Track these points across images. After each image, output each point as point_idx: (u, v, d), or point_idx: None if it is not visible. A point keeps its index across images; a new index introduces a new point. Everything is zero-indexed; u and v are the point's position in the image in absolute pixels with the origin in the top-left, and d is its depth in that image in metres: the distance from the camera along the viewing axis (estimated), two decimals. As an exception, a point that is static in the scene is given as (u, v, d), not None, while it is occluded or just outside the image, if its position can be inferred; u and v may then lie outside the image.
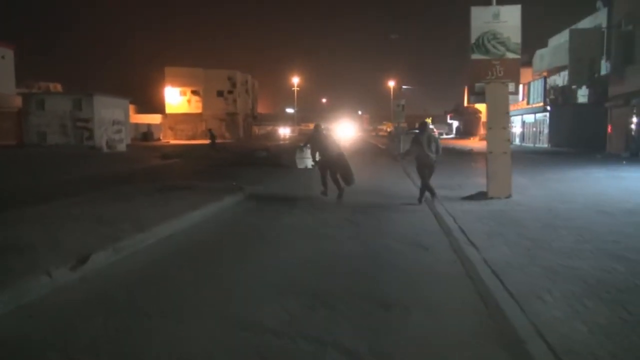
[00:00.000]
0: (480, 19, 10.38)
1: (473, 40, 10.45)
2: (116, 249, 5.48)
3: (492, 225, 7.32)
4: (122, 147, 27.77)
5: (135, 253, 5.75)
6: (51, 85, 48.85)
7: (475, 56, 10.58)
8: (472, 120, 60.25)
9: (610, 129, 25.48)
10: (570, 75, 27.06)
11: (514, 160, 22.61)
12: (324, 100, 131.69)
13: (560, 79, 38.43)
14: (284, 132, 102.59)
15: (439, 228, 7.58)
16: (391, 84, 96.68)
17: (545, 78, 35.65)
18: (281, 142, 54.59)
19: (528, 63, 49.96)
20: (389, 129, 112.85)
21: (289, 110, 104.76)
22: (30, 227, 6.33)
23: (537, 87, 36.25)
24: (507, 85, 10.51)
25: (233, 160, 22.90)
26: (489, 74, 10.59)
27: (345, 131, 78.16)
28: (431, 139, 10.15)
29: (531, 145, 37.51)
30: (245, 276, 4.98)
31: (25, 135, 26.54)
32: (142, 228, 6.36)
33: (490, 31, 10.36)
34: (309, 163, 12.43)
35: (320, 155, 10.51)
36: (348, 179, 10.55)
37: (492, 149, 10.37)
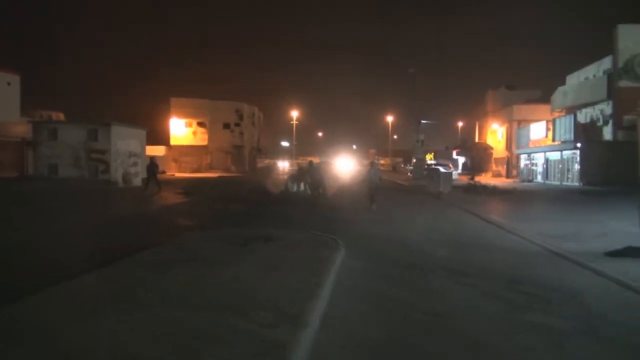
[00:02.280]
0: (629, 39, 8.63)
1: (621, 64, 8.67)
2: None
3: None
4: (137, 182, 25.34)
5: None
6: (53, 115, 46.69)
7: (624, 83, 8.79)
8: (482, 157, 58.82)
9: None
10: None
11: (565, 200, 20.97)
12: (320, 134, 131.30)
13: (582, 116, 37.24)
14: (283, 165, 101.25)
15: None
16: (389, 119, 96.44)
17: (575, 114, 34.24)
18: (284, 176, 52.58)
19: (542, 99, 49.21)
20: (385, 163, 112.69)
21: (285, 144, 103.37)
22: (123, 317, 4.14)
23: (565, 123, 34.84)
24: (666, 118, 8.60)
25: (264, 197, 20.91)
26: (642, 105, 8.71)
27: (344, 166, 79.30)
28: (377, 172, 17.19)
29: (557, 183, 35.76)
30: None
31: (35, 167, 24.10)
32: (290, 318, 4.20)
33: (643, 53, 8.56)
34: (298, 187, 20.31)
35: (310, 179, 18.88)
36: (324, 192, 19.02)
37: (651, 196, 8.40)
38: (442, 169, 42.54)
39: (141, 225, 12.10)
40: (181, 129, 55.13)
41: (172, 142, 54.53)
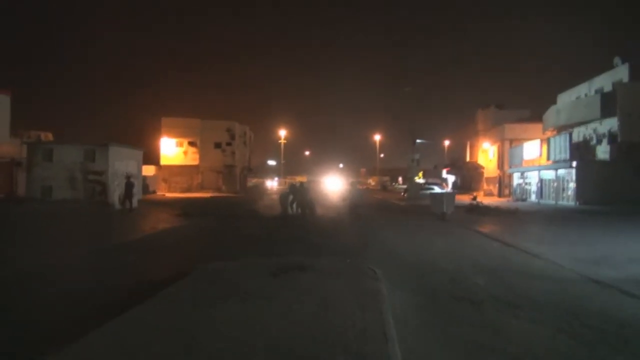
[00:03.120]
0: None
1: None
2: None
3: None
4: (134, 203, 24.72)
5: None
6: (42, 134, 45.72)
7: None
8: (473, 176, 59.05)
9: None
10: (621, 129, 25.75)
11: (572, 221, 20.79)
12: (307, 152, 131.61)
13: (574, 135, 37.54)
14: (271, 184, 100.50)
15: None
16: (377, 137, 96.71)
17: (570, 133, 34.51)
18: (275, 196, 52.22)
19: (532, 118, 49.69)
20: (373, 182, 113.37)
21: (271, 163, 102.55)
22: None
23: (560, 142, 35.06)
24: None
25: (266, 219, 20.42)
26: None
27: (333, 185, 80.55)
28: (357, 191, 44.12)
29: (552, 202, 35.75)
30: None
31: (28, 188, 23.20)
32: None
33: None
34: (295, 208, 21.66)
35: (300, 198, 21.60)
36: (312, 212, 21.25)
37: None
38: (437, 189, 42.60)
39: (156, 252, 11.53)
40: (172, 149, 54.44)
41: (163, 161, 53.77)
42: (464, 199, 33.88)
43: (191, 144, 54.83)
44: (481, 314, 6.18)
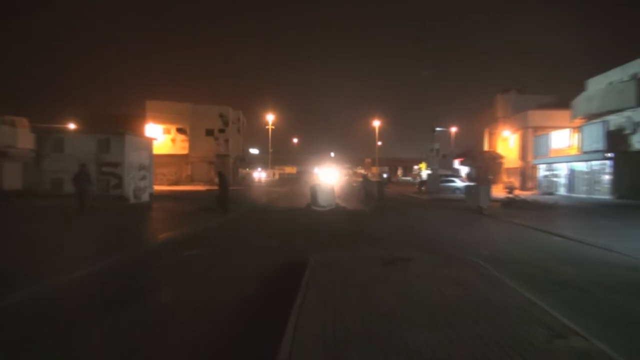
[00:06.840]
0: None
1: None
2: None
3: None
4: (145, 197, 25.82)
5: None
6: (17, 120, 46.47)
7: None
8: (490, 167, 60.98)
9: None
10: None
11: (620, 216, 22.65)
12: (295, 140, 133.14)
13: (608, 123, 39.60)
14: (259, 175, 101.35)
15: None
16: (376, 123, 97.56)
17: (606, 122, 36.49)
18: (278, 188, 53.76)
19: (557, 104, 51.68)
20: (370, 174, 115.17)
21: (254, 151, 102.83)
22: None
23: (594, 131, 37.05)
24: None
25: (304, 214, 21.76)
26: None
27: (328, 176, 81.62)
28: (371, 183, 29.68)
29: (584, 196, 37.74)
30: None
31: (37, 182, 24.15)
32: (579, 338, 5.36)
33: None
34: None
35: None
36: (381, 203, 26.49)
37: None
38: (458, 181, 44.46)
39: (237, 246, 13.02)
40: (159, 136, 55.41)
41: (148, 150, 54.77)
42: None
43: (180, 130, 55.90)
44: (594, 298, 7.82)
